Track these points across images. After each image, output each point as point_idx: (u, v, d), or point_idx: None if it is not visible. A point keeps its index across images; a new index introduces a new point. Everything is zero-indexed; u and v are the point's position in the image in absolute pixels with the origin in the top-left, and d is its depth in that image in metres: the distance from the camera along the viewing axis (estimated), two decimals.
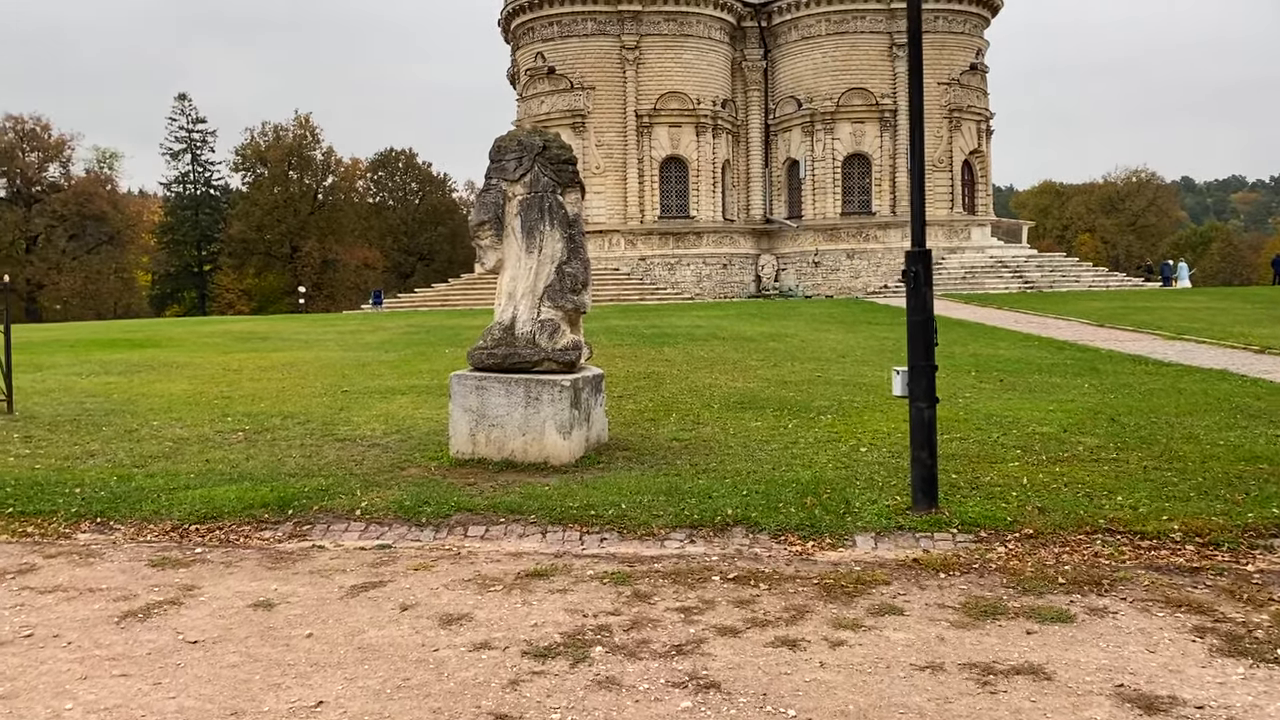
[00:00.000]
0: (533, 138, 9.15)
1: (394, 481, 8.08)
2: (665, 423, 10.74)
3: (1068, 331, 21.12)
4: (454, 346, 19.39)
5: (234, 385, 14.13)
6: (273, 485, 7.91)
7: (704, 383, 13.68)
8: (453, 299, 43.85)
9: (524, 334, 8.97)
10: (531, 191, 9.03)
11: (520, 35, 48.86)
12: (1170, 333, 20.11)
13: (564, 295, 8.98)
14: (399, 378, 14.67)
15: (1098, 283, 46.01)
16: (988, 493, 7.53)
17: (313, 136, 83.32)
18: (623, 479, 8.01)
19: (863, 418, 10.77)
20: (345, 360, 17.36)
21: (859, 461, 8.61)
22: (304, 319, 33.64)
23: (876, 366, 15.26)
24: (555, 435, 8.69)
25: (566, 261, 9.04)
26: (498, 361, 8.95)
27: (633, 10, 46.23)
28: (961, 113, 48.83)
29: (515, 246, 9.05)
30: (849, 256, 46.45)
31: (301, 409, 11.81)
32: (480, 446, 8.89)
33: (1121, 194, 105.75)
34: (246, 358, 18.05)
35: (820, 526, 6.71)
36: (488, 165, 9.23)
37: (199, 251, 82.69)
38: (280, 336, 23.18)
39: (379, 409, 11.76)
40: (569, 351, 8.91)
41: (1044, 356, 16.51)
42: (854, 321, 24.44)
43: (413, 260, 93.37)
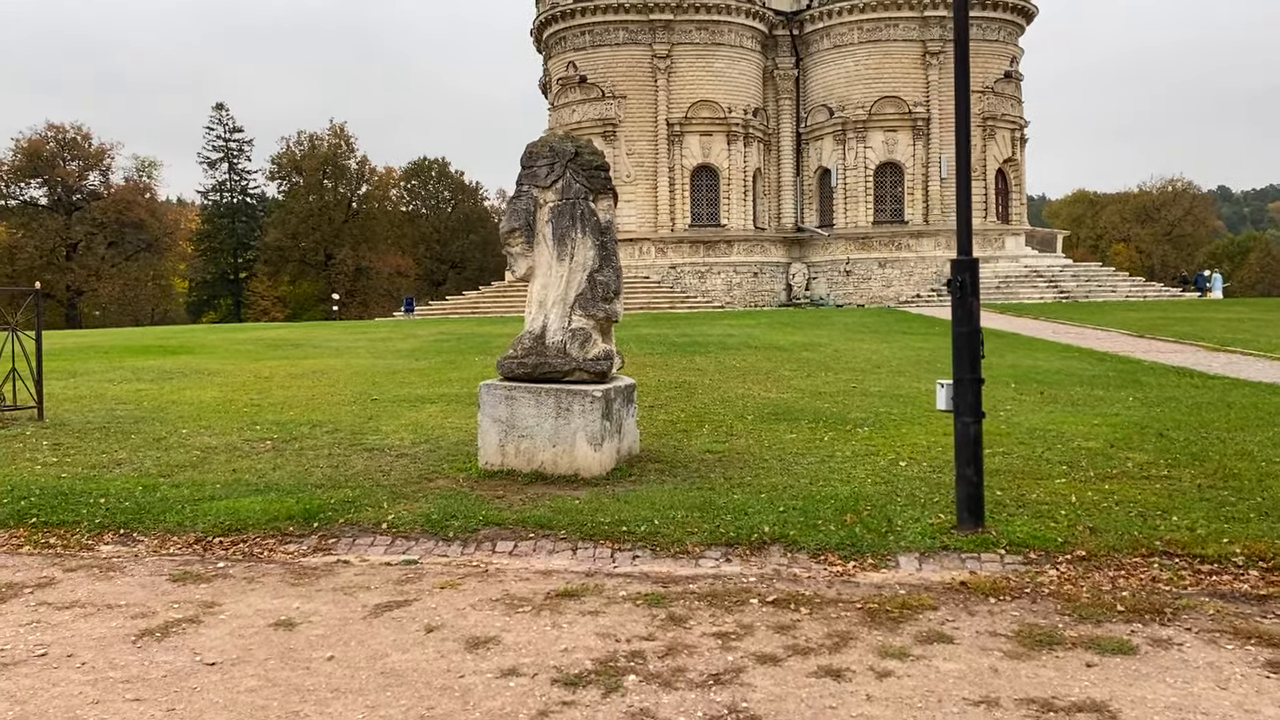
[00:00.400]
0: (564, 143, 8.97)
1: (421, 493, 7.90)
2: (698, 434, 10.50)
3: (1107, 343, 20.68)
4: (484, 354, 19.26)
5: (264, 393, 14.05)
6: (298, 497, 7.75)
7: (737, 393, 13.43)
8: (484, 306, 43.85)
9: (555, 343, 8.78)
10: (563, 198, 8.85)
11: (552, 45, 48.88)
12: (1214, 344, 19.62)
13: (595, 304, 8.77)
14: (428, 386, 14.54)
15: (1134, 293, 45.28)
16: (1035, 511, 7.24)
17: (347, 145, 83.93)
18: (655, 493, 7.78)
19: (901, 431, 10.48)
20: (375, 368, 17.27)
21: (899, 477, 8.33)
22: (336, 326, 33.72)
23: (913, 378, 14.94)
24: (586, 447, 8.48)
25: (598, 269, 8.84)
26: (528, 371, 8.76)
27: (664, 19, 46.12)
28: (995, 121, 48.29)
29: (546, 254, 8.86)
30: (881, 265, 46.01)
31: (330, 417, 11.68)
32: (509, 458, 8.69)
33: (1157, 203, 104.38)
34: (278, 365, 18.00)
35: (861, 546, 6.45)
36: (519, 171, 9.06)
37: (235, 259, 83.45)
38: (312, 344, 23.17)
39: (408, 418, 11.61)
40: (600, 361, 8.71)
41: (1084, 368, 16.11)
42: (888, 331, 24.09)
43: (444, 268, 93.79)
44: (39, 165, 72.23)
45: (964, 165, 6.91)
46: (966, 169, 6.92)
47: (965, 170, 6.92)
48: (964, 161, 6.91)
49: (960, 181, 6.90)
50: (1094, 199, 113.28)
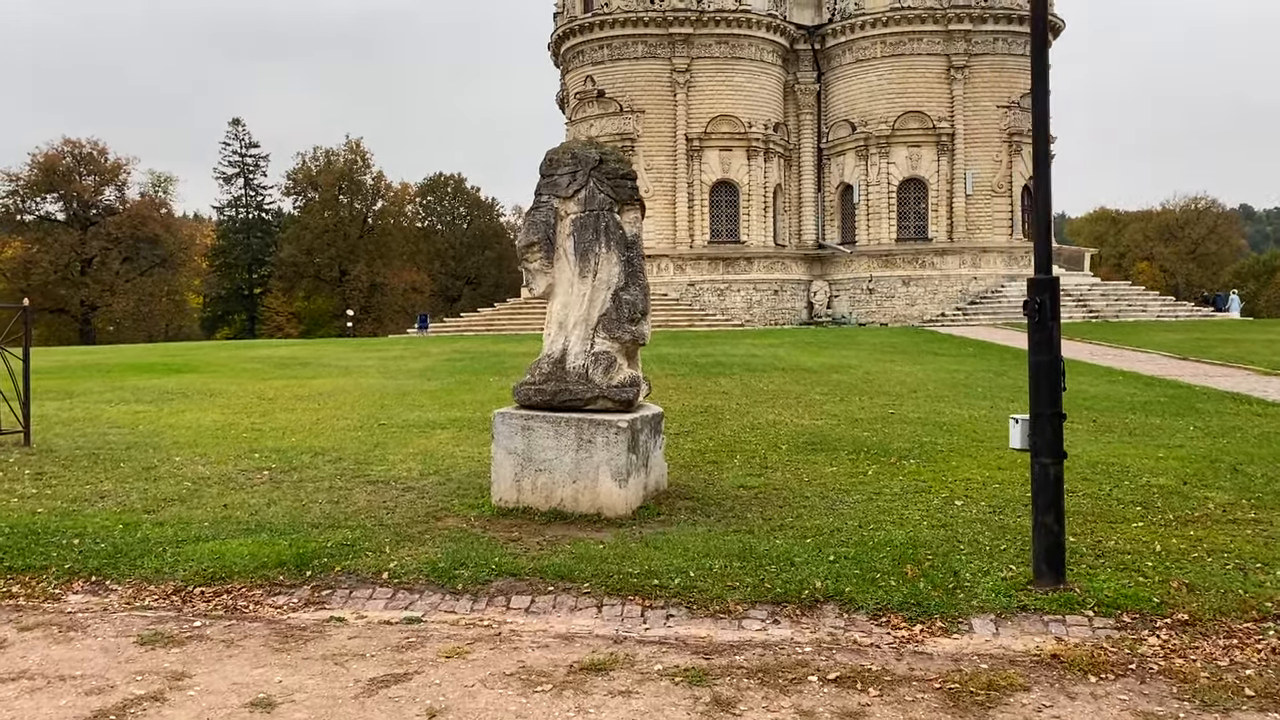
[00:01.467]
0: (588, 150, 8.22)
1: (428, 535, 7.13)
2: (729, 465, 9.71)
3: (1150, 365, 19.78)
4: (499, 374, 18.51)
5: (266, 416, 13.32)
6: (292, 539, 6.99)
7: (767, 419, 12.62)
8: (499, 323, 43.19)
9: (576, 368, 8.00)
10: (586, 209, 8.10)
11: (570, 59, 48.36)
12: (1264, 368, 18.70)
13: (621, 325, 8.00)
14: (440, 409, 13.78)
15: (1166, 312, 44.24)
16: (1117, 562, 6.41)
17: (363, 161, 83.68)
18: (687, 537, 6.99)
19: (950, 464, 9.66)
20: (385, 389, 16.54)
21: (957, 519, 7.51)
22: (348, 344, 33.07)
23: (953, 403, 14.11)
24: (610, 483, 7.69)
25: (624, 287, 8.07)
26: (546, 399, 7.99)
27: (684, 33, 45.54)
28: (1021, 137, 47.38)
29: (567, 270, 8.10)
30: (904, 283, 45.14)
31: (334, 444, 10.93)
32: (525, 494, 7.92)
33: (1180, 221, 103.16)
34: (284, 385, 17.30)
35: (928, 605, 5.63)
36: (538, 180, 8.31)
37: (250, 274, 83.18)
38: (321, 362, 22.48)
39: (417, 445, 10.85)
40: (626, 388, 7.93)
41: (1133, 393, 15.24)
42: (918, 352, 23.23)
43: (460, 284, 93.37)
44: (55, 180, 72.13)
45: (1043, 171, 6.11)
46: (1046, 176, 6.12)
47: (1044, 177, 6.12)
48: (1043, 167, 6.11)
49: (1039, 189, 6.10)
50: (1116, 217, 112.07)
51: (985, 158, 46.95)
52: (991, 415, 12.86)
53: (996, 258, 45.87)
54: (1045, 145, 6.10)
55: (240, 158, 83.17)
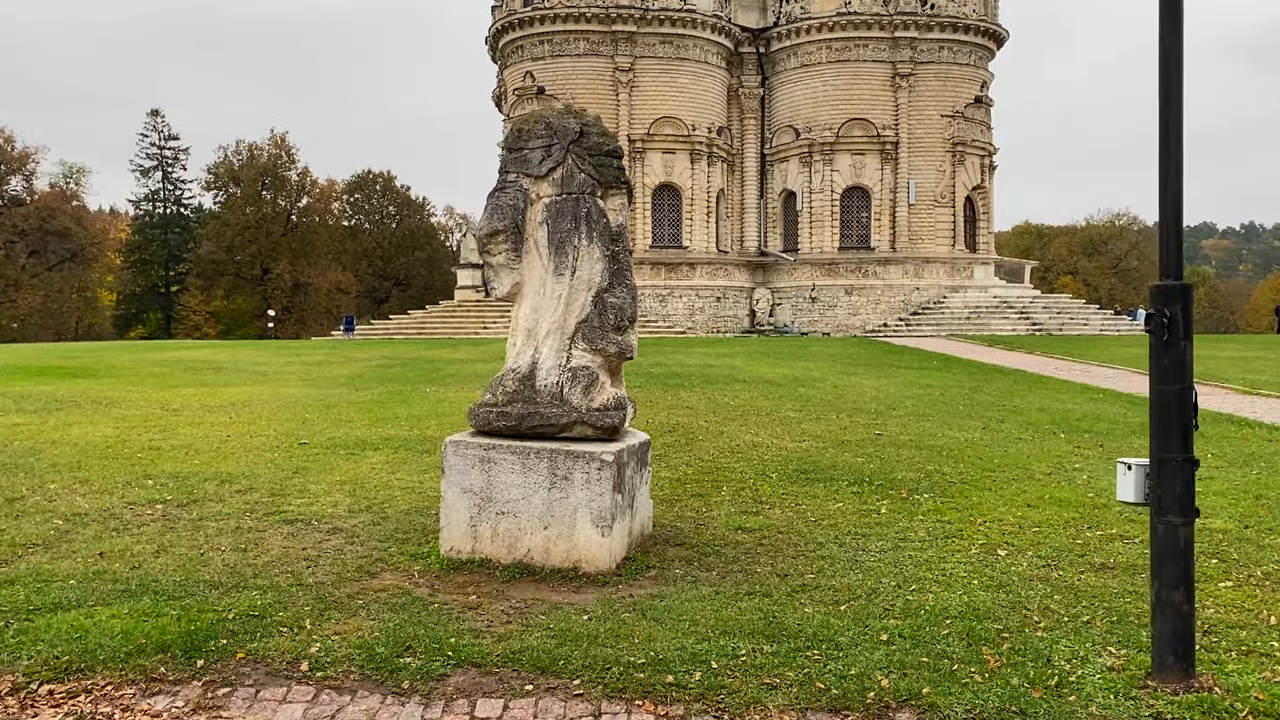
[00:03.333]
0: (565, 119, 6.73)
1: (361, 601, 5.56)
2: (717, 500, 8.28)
3: (1121, 382, 18.87)
4: (435, 385, 16.84)
5: (168, 431, 11.53)
6: (183, 607, 5.37)
7: (745, 440, 11.23)
8: (431, 327, 41.26)
9: (548, 386, 6.50)
10: (563, 192, 6.60)
11: (509, 54, 46.65)
12: (1242, 386, 17.89)
13: (604, 335, 6.52)
14: (370, 425, 12.12)
15: (1107, 326, 44.09)
16: (1234, 641, 5.14)
17: (288, 156, 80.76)
18: (692, 603, 5.54)
19: (970, 500, 8.35)
20: (307, 400, 14.77)
21: (1011, 577, 6.17)
22: (267, 347, 30.94)
23: (940, 423, 12.87)
24: (590, 530, 6.20)
25: (608, 288, 6.60)
26: (511, 424, 6.46)
27: (627, 31, 44.16)
28: (965, 147, 47.00)
29: (539, 266, 6.59)
30: (847, 293, 44.29)
31: (245, 469, 9.24)
32: (484, 542, 6.38)
33: (1103, 236, 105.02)
34: (192, 394, 15.42)
35: (1034, 712, 4.25)
36: (502, 155, 6.80)
37: (166, 271, 79.63)
38: (237, 367, 20.53)
39: (344, 471, 9.21)
40: (610, 412, 6.45)
41: (1122, 413, 14.20)
42: (880, 364, 22.09)
43: (388, 285, 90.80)
44: None
45: (1174, 166, 4.76)
46: (1178, 171, 4.77)
47: (1176, 172, 4.76)
48: (1175, 163, 4.76)
49: (1168, 187, 4.76)
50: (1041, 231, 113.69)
51: (929, 167, 46.40)
52: (988, 438, 11.64)
53: (939, 268, 45.31)
54: (1177, 118, 4.75)
55: (159, 150, 79.64)
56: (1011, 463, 10.05)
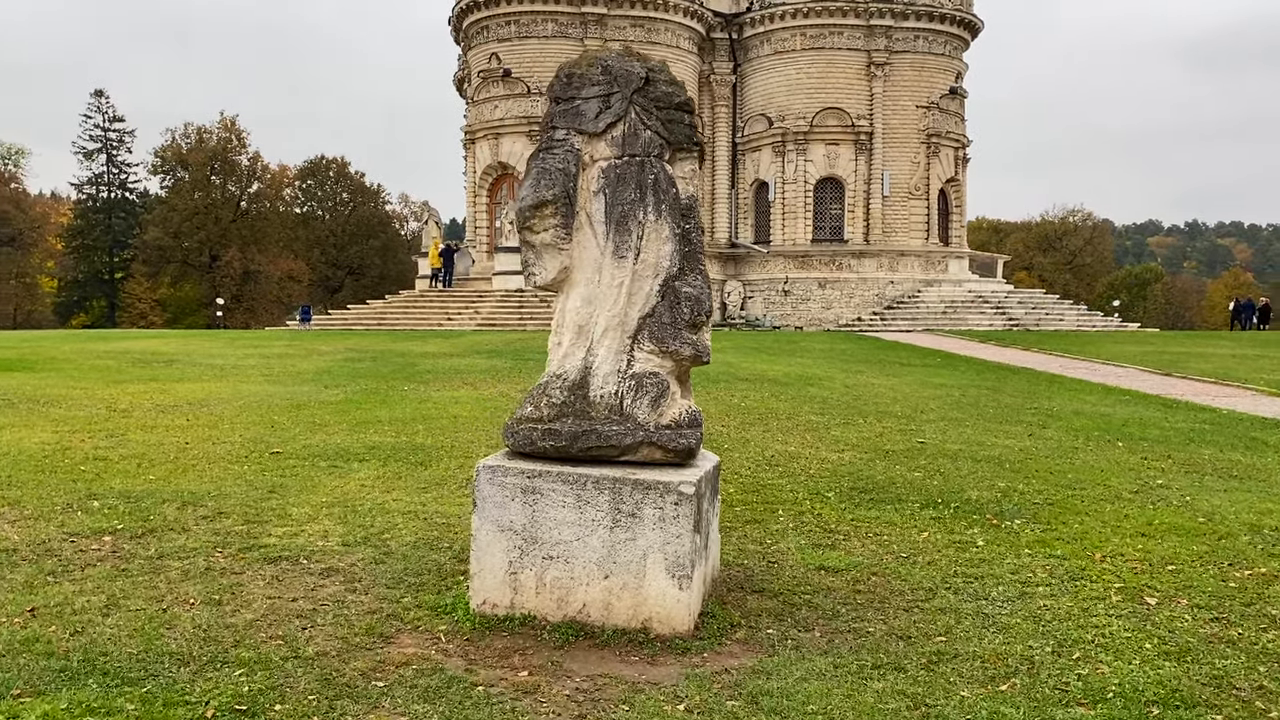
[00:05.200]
0: (628, 62, 5.40)
1: (381, 684, 4.22)
2: (776, 527, 7.02)
3: (1136, 381, 17.92)
4: (413, 382, 15.39)
5: (116, 437, 10.01)
6: (144, 697, 3.99)
7: (778, 450, 9.97)
8: (391, 318, 39.57)
9: (605, 397, 5.17)
10: (625, 153, 5.28)
11: (473, 35, 44.93)
12: (1268, 388, 16.99)
13: (677, 333, 5.21)
14: (351, 430, 10.68)
15: (1083, 322, 43.53)
16: None
17: (239, 140, 78.15)
18: (809, 684, 4.29)
19: (1070, 526, 7.17)
20: (274, 398, 13.26)
21: (1185, 637, 4.97)
22: (221, 337, 29.13)
23: (979, 429, 11.72)
24: (664, 581, 4.90)
25: (679, 275, 5.29)
26: (561, 445, 5.13)
27: (597, 13, 42.66)
28: (940, 138, 46.15)
29: (593, 247, 5.26)
30: (821, 286, 43.26)
31: (211, 487, 7.79)
32: (526, 594, 5.05)
33: (1059, 232, 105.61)
34: (142, 391, 13.83)
35: None
36: (548, 107, 5.45)
37: (110, 258, 76.73)
38: (191, 360, 18.87)
39: (329, 490, 7.80)
40: (684, 431, 5.14)
41: (1161, 417, 13.16)
42: (880, 361, 20.95)
43: (341, 274, 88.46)
44: None
45: None
46: None
47: None
48: None
49: None
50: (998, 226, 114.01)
51: (903, 158, 45.49)
52: (1043, 448, 10.49)
53: (913, 261, 44.46)
54: None
55: (103, 132, 76.59)
56: (1088, 479, 8.90)
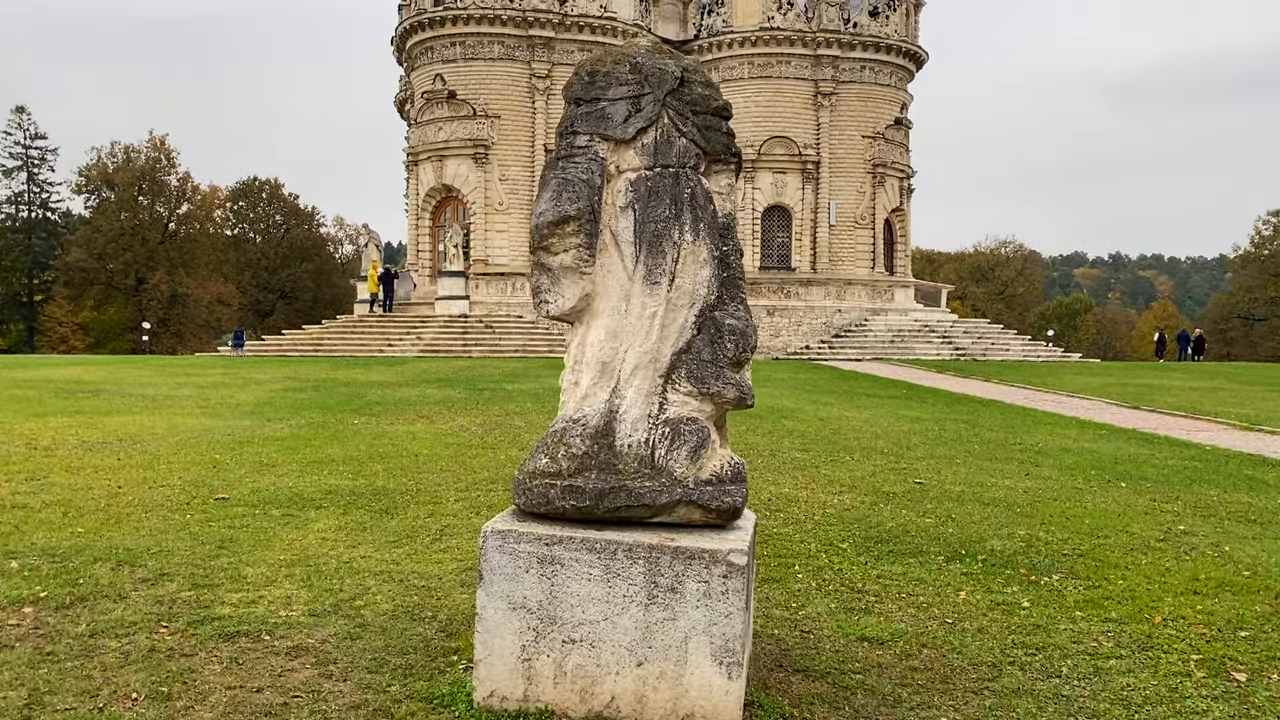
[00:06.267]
0: (660, 60, 4.67)
1: None
2: (797, 586, 6.29)
3: (1108, 415, 17.61)
4: (363, 415, 14.41)
5: (38, 481, 8.94)
6: None
7: (771, 493, 9.26)
8: (329, 344, 38.22)
9: (633, 447, 4.41)
10: (657, 163, 4.54)
11: (417, 55, 44.00)
12: (1240, 422, 16.77)
13: (719, 371, 4.48)
14: (302, 471, 9.72)
15: (1029, 352, 43.79)
16: None
17: (168, 160, 75.95)
18: None
19: (1113, 583, 6.55)
20: (214, 433, 12.22)
21: None
22: (151, 364, 27.66)
23: (972, 467, 11.15)
24: (710, 669, 4.13)
25: (719, 304, 4.57)
26: (585, 505, 4.34)
27: (545, 37, 42.04)
28: (885, 168, 46.30)
29: (619, 271, 4.51)
30: (769, 314, 42.91)
31: (150, 541, 6.82)
32: (543, 684, 4.24)
33: (991, 263, 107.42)
34: (67, 425, 12.68)
35: None
36: (567, 110, 4.70)
37: (30, 280, 73.83)
38: (119, 389, 17.62)
39: (287, 544, 6.88)
40: (728, 488, 4.40)
41: (1149, 454, 12.75)
42: (843, 392, 20.42)
43: (273, 298, 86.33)
44: None
45: None
46: None
47: None
48: None
49: None
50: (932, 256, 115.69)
51: (849, 188, 45.52)
52: (1047, 489, 9.93)
53: (860, 290, 44.40)
54: None
55: (24, 149, 73.96)
56: (1106, 525, 8.33)
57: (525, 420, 13.96)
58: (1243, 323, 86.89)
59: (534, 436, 12.38)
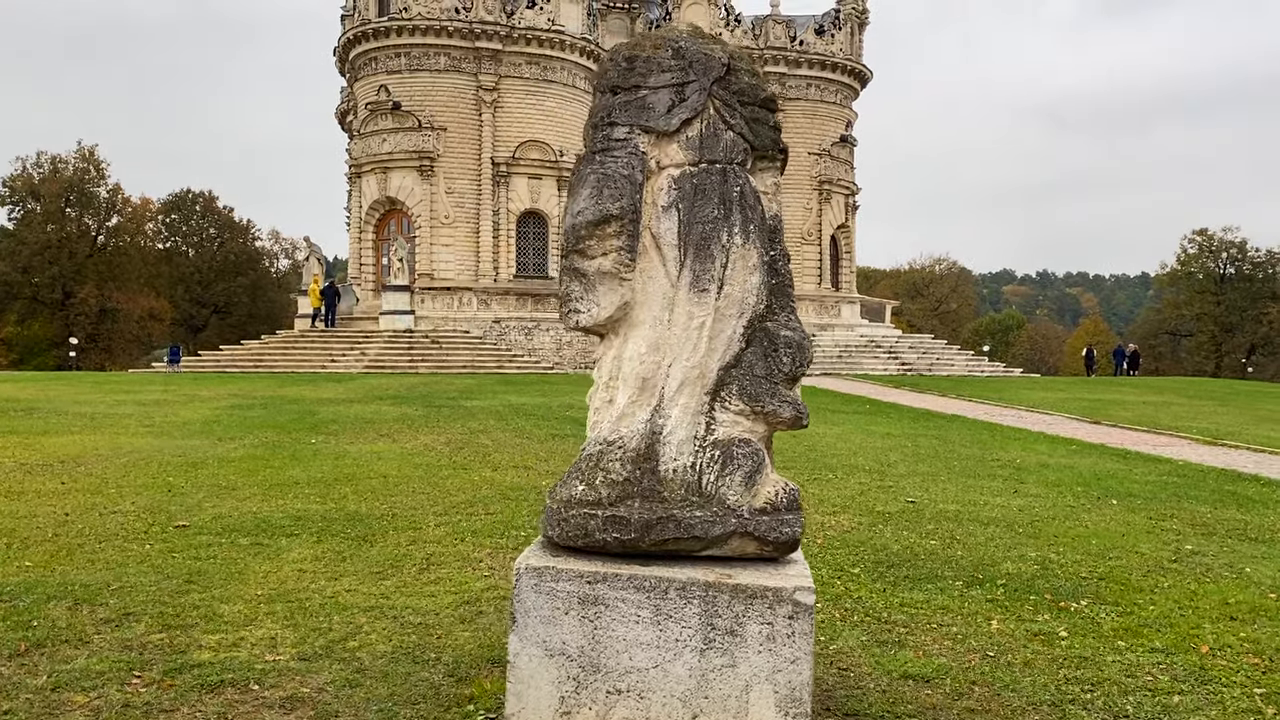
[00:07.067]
0: (705, 45, 4.28)
1: None
2: (819, 617, 5.86)
3: (1071, 429, 17.56)
4: (320, 434, 13.73)
5: None
6: None
7: None
8: (269, 359, 37.11)
9: (679, 472, 3.98)
10: (703, 158, 4.13)
11: (360, 66, 43.12)
12: (1203, 436, 16.81)
13: (774, 388, 4.09)
14: (265, 494, 9.09)
15: (973, 367, 44.17)
16: None
17: (97, 171, 73.69)
18: None
19: (1144, 609, 6.25)
20: (163, 454, 11.49)
21: None
22: (86, 380, 26.47)
23: (957, 485, 10.89)
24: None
25: (769, 314, 4.16)
26: (630, 537, 3.89)
27: (492, 49, 41.46)
28: (831, 185, 46.50)
29: (661, 278, 4.08)
30: None
31: (110, 575, 6.20)
32: None
33: (926, 279, 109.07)
34: (1, 446, 11.85)
35: None
36: (602, 100, 4.25)
37: None
38: (55, 408, 16.68)
39: (261, 577, 6.30)
40: (785, 517, 3.99)
41: (1127, 469, 12.63)
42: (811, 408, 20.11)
43: (206, 313, 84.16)
44: None
45: None
46: None
47: None
48: None
49: None
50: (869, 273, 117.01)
51: (796, 204, 45.58)
52: (1039, 507, 9.69)
53: (808, 306, 44.42)
54: None
55: None
56: (1114, 546, 8.07)
57: (492, 439, 13.41)
58: (1171, 338, 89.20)
59: (504, 456, 11.86)
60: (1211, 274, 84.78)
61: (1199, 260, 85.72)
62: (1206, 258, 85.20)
